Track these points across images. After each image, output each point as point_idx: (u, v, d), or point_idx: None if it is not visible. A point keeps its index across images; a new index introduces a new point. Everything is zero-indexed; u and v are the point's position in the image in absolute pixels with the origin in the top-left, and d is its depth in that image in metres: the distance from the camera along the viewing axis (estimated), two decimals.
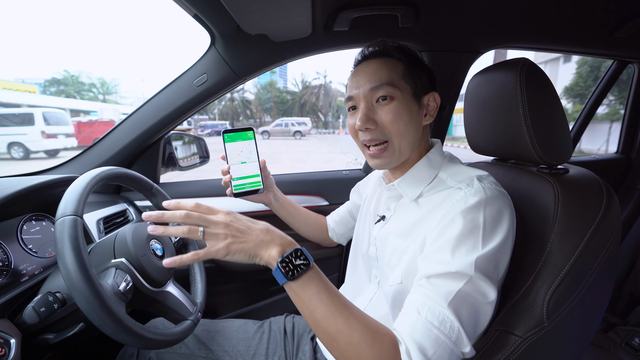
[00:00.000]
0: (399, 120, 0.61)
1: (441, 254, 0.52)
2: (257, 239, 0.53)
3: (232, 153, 0.76)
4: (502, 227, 0.53)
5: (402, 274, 0.60)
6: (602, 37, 1.16)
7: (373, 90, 0.62)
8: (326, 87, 40.37)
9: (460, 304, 0.49)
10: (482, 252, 0.50)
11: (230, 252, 0.52)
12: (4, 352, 0.54)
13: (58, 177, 0.80)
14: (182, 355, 0.77)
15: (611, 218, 0.57)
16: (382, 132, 0.63)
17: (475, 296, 0.50)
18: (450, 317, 0.48)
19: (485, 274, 0.50)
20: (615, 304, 1.54)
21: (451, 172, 0.63)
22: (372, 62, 0.65)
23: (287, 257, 0.51)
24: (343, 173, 1.41)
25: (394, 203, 0.70)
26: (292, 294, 0.51)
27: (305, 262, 0.51)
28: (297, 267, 0.50)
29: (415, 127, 0.64)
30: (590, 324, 0.62)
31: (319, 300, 0.49)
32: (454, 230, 0.52)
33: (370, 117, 0.62)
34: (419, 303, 0.50)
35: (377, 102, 0.63)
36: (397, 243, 0.63)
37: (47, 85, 34.51)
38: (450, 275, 0.50)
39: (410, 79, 0.63)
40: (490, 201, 0.54)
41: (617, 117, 9.93)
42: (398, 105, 0.61)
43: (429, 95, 0.66)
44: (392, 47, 0.65)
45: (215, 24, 0.88)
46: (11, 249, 0.68)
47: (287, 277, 0.50)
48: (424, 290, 0.51)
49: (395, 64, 0.63)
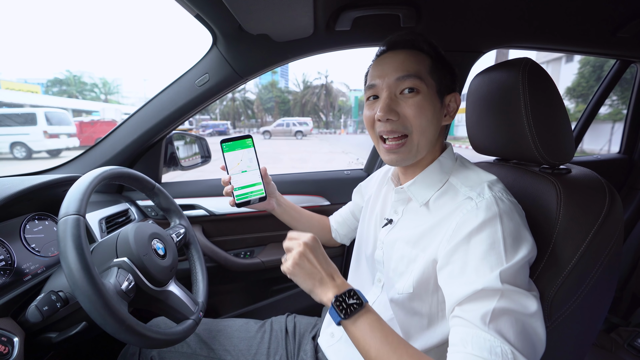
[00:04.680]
0: (422, 115, 0.59)
1: (465, 275, 0.50)
2: (316, 281, 0.57)
3: (231, 163, 0.75)
4: (525, 240, 0.51)
5: (414, 283, 0.59)
6: (604, 36, 1.15)
7: (399, 80, 0.59)
8: (328, 87, 40.37)
9: (501, 323, 0.45)
10: (506, 265, 0.48)
11: (293, 278, 0.59)
12: (7, 351, 0.54)
13: (60, 177, 0.80)
14: (184, 354, 0.77)
15: (614, 218, 0.56)
16: (404, 124, 0.60)
17: (515, 310, 0.46)
18: (496, 341, 0.44)
19: (516, 285, 0.47)
20: (618, 304, 1.53)
21: (462, 177, 0.61)
22: (400, 52, 0.61)
23: (341, 296, 0.53)
24: (344, 173, 1.41)
25: (401, 206, 0.69)
26: (348, 333, 0.53)
27: (357, 301, 0.53)
28: (351, 307, 0.52)
29: (436, 125, 0.62)
30: (593, 324, 0.62)
31: (372, 339, 0.50)
32: (474, 249, 0.50)
33: (392, 108, 0.59)
34: (461, 336, 0.47)
35: (401, 94, 0.60)
36: (406, 250, 0.62)
37: (50, 86, 34.65)
38: (478, 294, 0.47)
39: (436, 75, 0.61)
40: (505, 215, 0.52)
41: (619, 117, 9.89)
42: (423, 99, 0.59)
43: (451, 95, 0.64)
44: (423, 39, 0.62)
45: (217, 23, 0.88)
46: (14, 248, 0.68)
47: (341, 315, 0.52)
48: (460, 320, 0.48)
49: (423, 58, 0.61)
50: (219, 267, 1.22)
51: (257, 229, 1.31)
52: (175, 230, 0.83)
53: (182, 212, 0.88)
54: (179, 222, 0.87)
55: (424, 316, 0.60)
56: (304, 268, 0.57)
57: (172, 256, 0.74)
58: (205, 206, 1.22)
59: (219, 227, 1.27)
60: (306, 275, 0.57)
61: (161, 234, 0.75)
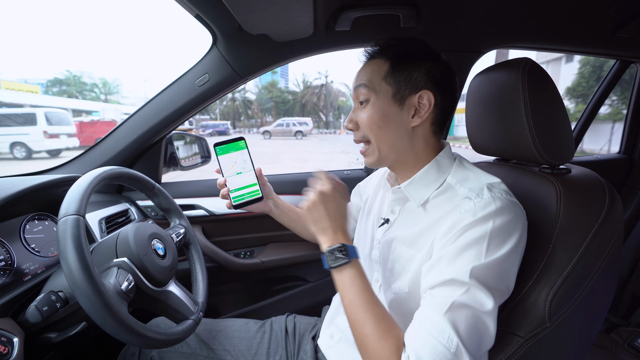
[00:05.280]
0: (372, 124, 0.62)
1: (441, 264, 0.52)
2: (319, 228, 0.63)
3: (226, 165, 0.75)
4: (511, 238, 0.52)
5: (409, 283, 0.59)
6: (604, 36, 1.15)
7: (355, 91, 0.64)
8: (327, 87, 40.38)
9: (457, 315, 0.48)
10: (482, 261, 0.50)
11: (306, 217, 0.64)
12: (7, 351, 0.54)
13: (60, 177, 0.80)
14: (184, 354, 0.77)
15: (614, 218, 0.56)
16: (362, 133, 0.65)
17: (473, 306, 0.49)
18: (447, 328, 0.47)
19: (483, 283, 0.49)
20: (618, 304, 1.53)
21: (460, 178, 0.61)
22: (364, 63, 0.66)
23: (332, 250, 0.59)
24: (344, 173, 1.41)
25: (398, 206, 0.69)
26: (333, 277, 0.60)
27: (344, 255, 0.58)
28: (338, 259, 0.58)
29: (396, 130, 0.62)
30: (593, 324, 0.62)
31: (348, 290, 0.56)
32: (459, 242, 0.52)
33: (352, 118, 0.66)
34: (422, 314, 0.51)
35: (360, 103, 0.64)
36: (402, 250, 0.62)
37: (50, 86, 34.68)
38: (446, 283, 0.50)
39: (393, 79, 0.60)
40: (501, 212, 0.52)
41: (619, 117, 9.89)
42: (371, 108, 0.62)
43: (419, 94, 0.60)
44: (383, 46, 0.63)
45: (217, 24, 0.88)
46: (14, 248, 0.68)
47: (328, 264, 0.59)
48: (425, 301, 0.52)
49: (380, 65, 0.62)
50: (219, 267, 1.22)
51: (257, 229, 1.31)
52: (175, 231, 0.83)
53: (182, 212, 0.88)
54: (179, 222, 0.87)
55: None
56: (313, 214, 0.63)
57: (172, 256, 0.74)
58: (205, 206, 1.22)
59: (219, 227, 1.27)
60: (313, 220, 0.63)
61: (161, 234, 0.75)
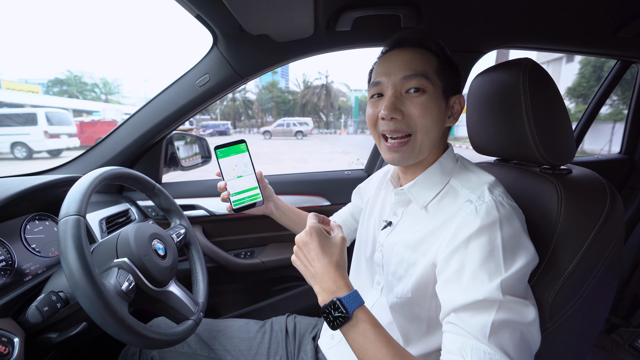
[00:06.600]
0: (428, 115, 0.58)
1: (463, 282, 0.49)
2: (309, 278, 0.57)
3: (227, 168, 0.75)
4: (525, 249, 0.51)
5: (413, 288, 0.58)
6: (605, 36, 1.15)
7: (405, 79, 0.58)
8: (328, 87, 40.37)
9: (501, 336, 0.45)
10: (506, 274, 0.47)
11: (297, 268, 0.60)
12: (8, 351, 0.54)
13: (61, 177, 0.80)
14: (184, 354, 0.77)
15: (615, 219, 0.56)
16: (408, 124, 0.59)
17: (514, 320, 0.46)
18: (497, 354, 0.44)
19: (515, 295, 0.47)
20: (619, 305, 1.53)
21: (462, 179, 0.61)
22: (407, 50, 0.60)
23: (327, 308, 0.52)
24: (345, 173, 1.41)
25: (401, 208, 0.68)
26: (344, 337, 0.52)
27: (342, 314, 0.50)
28: (336, 320, 0.51)
29: (439, 126, 0.61)
30: (593, 325, 0.61)
31: (364, 348, 0.49)
32: (472, 255, 0.49)
33: (397, 106, 0.58)
34: (460, 345, 0.46)
35: (407, 93, 0.59)
36: (405, 254, 0.61)
37: (50, 86, 34.68)
38: (478, 304, 0.46)
39: (443, 76, 0.60)
40: (505, 221, 0.51)
41: (620, 118, 9.88)
42: (429, 99, 0.58)
43: (456, 97, 0.63)
44: (431, 39, 0.61)
45: (218, 24, 0.88)
46: (15, 248, 0.68)
47: (330, 326, 0.51)
48: (457, 329, 0.48)
49: (430, 57, 0.60)
50: (220, 267, 1.22)
51: (257, 229, 1.31)
52: (176, 231, 0.83)
53: (182, 213, 0.89)
54: (179, 223, 0.87)
55: (423, 321, 0.60)
56: (299, 265, 0.59)
57: (173, 256, 0.74)
58: (206, 206, 1.22)
59: (219, 228, 1.27)
60: (302, 271, 0.59)
61: (161, 235, 0.75)
